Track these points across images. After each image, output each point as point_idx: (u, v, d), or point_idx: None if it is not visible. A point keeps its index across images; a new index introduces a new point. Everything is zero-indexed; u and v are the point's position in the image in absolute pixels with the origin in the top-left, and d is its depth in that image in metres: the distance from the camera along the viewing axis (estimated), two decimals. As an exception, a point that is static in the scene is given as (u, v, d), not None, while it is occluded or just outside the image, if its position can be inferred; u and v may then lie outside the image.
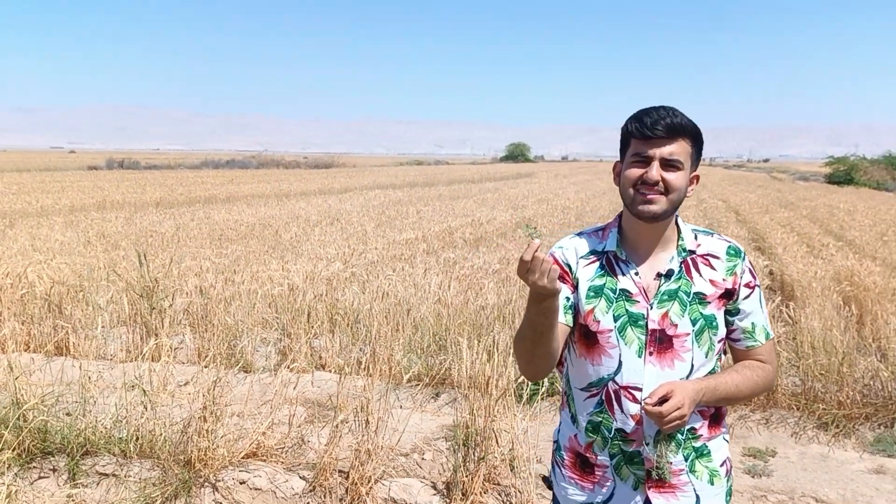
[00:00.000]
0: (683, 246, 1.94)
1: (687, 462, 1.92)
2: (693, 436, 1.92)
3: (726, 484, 1.99)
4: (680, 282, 1.90)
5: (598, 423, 1.96)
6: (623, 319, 1.91)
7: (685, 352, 1.88)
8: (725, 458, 2.00)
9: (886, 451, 4.56)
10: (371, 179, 44.71)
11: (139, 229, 15.41)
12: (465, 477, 3.73)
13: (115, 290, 7.33)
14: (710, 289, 1.90)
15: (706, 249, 1.94)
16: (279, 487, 3.85)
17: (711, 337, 1.90)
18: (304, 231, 15.61)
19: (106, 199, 23.58)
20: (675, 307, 1.88)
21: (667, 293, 1.90)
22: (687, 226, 1.99)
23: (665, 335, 1.89)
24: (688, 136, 1.86)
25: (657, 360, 1.89)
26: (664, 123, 1.82)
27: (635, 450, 1.91)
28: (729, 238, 1.99)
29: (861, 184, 45.25)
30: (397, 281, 8.01)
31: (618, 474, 1.95)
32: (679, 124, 1.84)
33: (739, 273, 1.92)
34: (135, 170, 58.12)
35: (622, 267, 1.95)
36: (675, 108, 1.86)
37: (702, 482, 1.93)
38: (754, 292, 1.94)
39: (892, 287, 8.35)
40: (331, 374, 5.58)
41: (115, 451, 4.04)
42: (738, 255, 1.94)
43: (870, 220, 18.39)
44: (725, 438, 2.02)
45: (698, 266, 1.92)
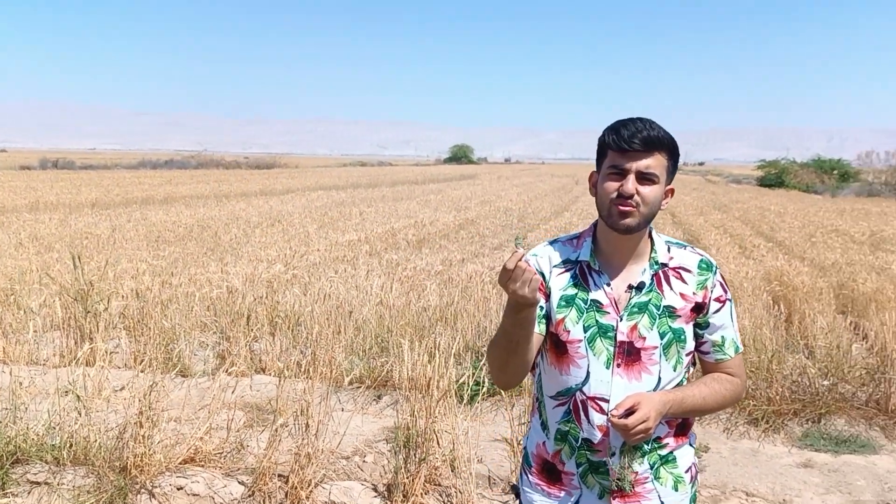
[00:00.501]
0: (656, 259, 1.94)
1: (652, 469, 1.93)
2: (659, 445, 1.94)
3: (691, 490, 2.00)
4: (650, 294, 1.91)
5: (566, 433, 1.96)
6: (593, 330, 1.91)
7: (653, 365, 1.89)
8: (691, 465, 2.01)
9: (814, 445, 4.73)
10: (314, 180, 44.35)
11: (74, 231, 14.98)
12: (406, 478, 3.74)
13: (48, 294, 7.13)
14: (680, 302, 1.91)
15: (678, 262, 1.95)
16: (217, 493, 3.81)
17: (679, 350, 1.91)
18: (245, 232, 15.41)
19: (39, 200, 22.86)
20: (645, 320, 1.89)
21: (637, 305, 1.90)
22: (661, 238, 1.99)
23: (633, 347, 1.89)
24: (664, 150, 1.86)
25: (625, 372, 1.89)
26: (641, 137, 1.82)
27: (601, 460, 1.92)
28: (702, 252, 2.00)
29: (791, 186, 46.70)
30: (339, 283, 7.98)
31: (584, 483, 1.96)
32: (656, 138, 1.83)
33: (710, 287, 1.93)
34: (70, 170, 56.47)
35: (595, 277, 1.95)
36: (652, 121, 1.86)
37: (666, 488, 1.95)
38: (725, 306, 1.95)
39: (819, 287, 8.65)
40: (271, 378, 5.53)
41: (47, 458, 3.94)
42: (710, 269, 1.96)
43: (799, 222, 19.02)
44: (692, 444, 2.03)
45: (669, 279, 1.93)
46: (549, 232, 16.05)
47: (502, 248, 14.13)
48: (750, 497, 4.03)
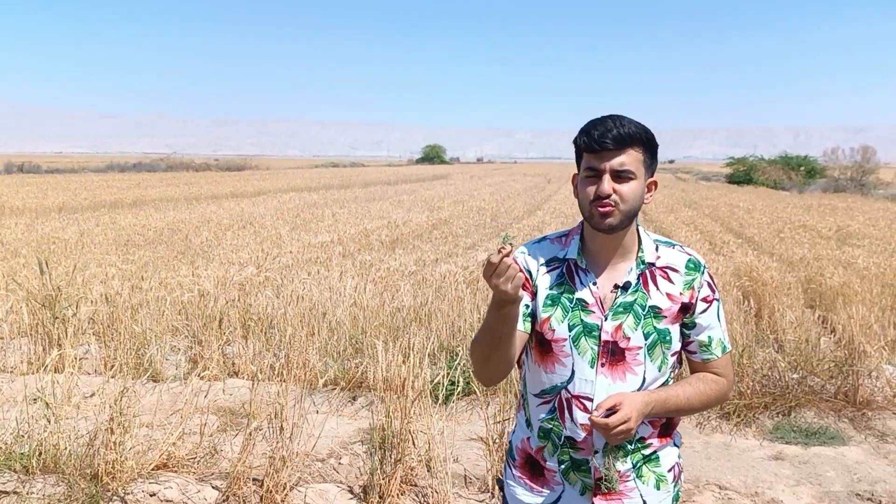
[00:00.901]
0: (643, 258, 1.92)
1: (634, 468, 1.93)
2: (643, 444, 1.93)
3: (673, 489, 1.99)
4: (636, 294, 1.90)
5: (549, 430, 1.96)
6: (578, 329, 1.90)
7: (637, 365, 1.88)
8: (674, 464, 2.00)
9: (784, 438, 4.79)
10: (285, 182, 44.10)
11: (40, 236, 14.76)
12: (382, 480, 3.73)
13: (15, 300, 7.01)
14: (666, 303, 1.90)
15: (666, 262, 1.93)
16: (191, 498, 3.77)
17: (665, 351, 1.90)
18: (216, 235, 15.28)
19: (4, 205, 22.49)
20: (630, 320, 1.88)
21: (622, 305, 1.89)
22: (649, 237, 1.98)
23: (618, 347, 1.88)
24: (638, 145, 1.84)
25: (609, 371, 1.88)
26: (611, 135, 1.80)
27: (584, 458, 1.92)
28: (691, 251, 1.98)
29: (760, 183, 47.28)
30: (312, 284, 7.94)
31: (566, 480, 1.96)
32: (627, 134, 1.81)
33: (697, 287, 1.91)
34: (36, 174, 55.58)
35: (581, 276, 1.94)
36: (623, 117, 1.85)
37: (648, 486, 1.94)
38: (712, 306, 1.94)
39: (788, 282, 8.78)
40: (244, 381, 5.49)
41: (16, 467, 3.87)
42: (698, 269, 1.93)
43: (767, 219, 19.28)
44: (676, 444, 2.03)
45: (656, 279, 1.92)
46: (523, 231, 16.10)
47: (476, 247, 14.15)
48: (723, 490, 4.08)
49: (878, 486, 4.12)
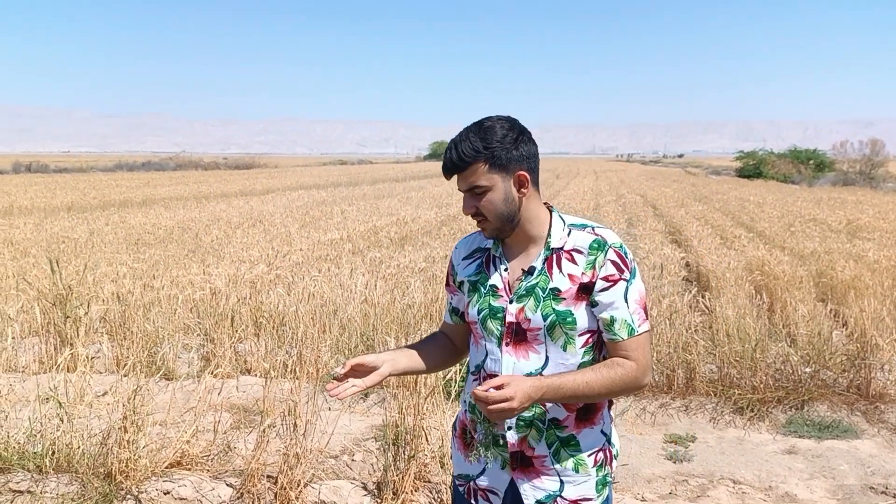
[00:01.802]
0: (549, 244, 2.00)
1: (551, 449, 2.00)
2: (557, 426, 2.00)
3: (596, 474, 2.03)
4: (539, 278, 1.98)
5: (474, 406, 2.08)
6: (484, 312, 2.04)
7: (538, 344, 1.97)
8: (598, 450, 2.04)
9: (797, 432, 4.77)
10: (294, 180, 44.17)
11: (50, 235, 14.80)
12: (395, 476, 3.73)
13: (26, 300, 7.04)
14: (566, 284, 1.95)
15: (572, 244, 1.99)
16: (205, 496, 3.78)
17: (567, 332, 1.95)
18: (226, 233, 15.30)
19: (13, 205, 22.58)
20: (531, 302, 1.97)
21: (525, 289, 1.99)
22: (563, 221, 2.03)
23: (520, 328, 1.98)
24: (477, 160, 1.92)
25: (513, 350, 1.99)
26: (449, 166, 1.95)
27: (500, 433, 2.02)
28: (604, 231, 2.00)
29: (769, 177, 47.09)
30: (323, 282, 7.94)
31: (488, 453, 2.07)
32: (460, 157, 1.92)
33: (598, 266, 1.94)
34: (44, 173, 55.82)
35: (496, 263, 2.08)
36: (461, 138, 1.94)
37: (566, 469, 2.01)
38: (616, 286, 1.94)
39: (800, 275, 8.73)
40: (256, 379, 5.50)
41: (29, 466, 3.89)
42: (601, 249, 1.95)
43: (778, 212, 19.19)
44: (604, 432, 2.06)
45: (561, 262, 1.98)
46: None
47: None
48: (737, 485, 4.07)
49: (892, 479, 4.10)
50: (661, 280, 8.17)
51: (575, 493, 2.01)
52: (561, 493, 2.01)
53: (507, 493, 2.06)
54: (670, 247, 12.75)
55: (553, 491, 2.01)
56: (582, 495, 2.02)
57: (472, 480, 2.13)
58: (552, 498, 2.01)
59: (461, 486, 2.18)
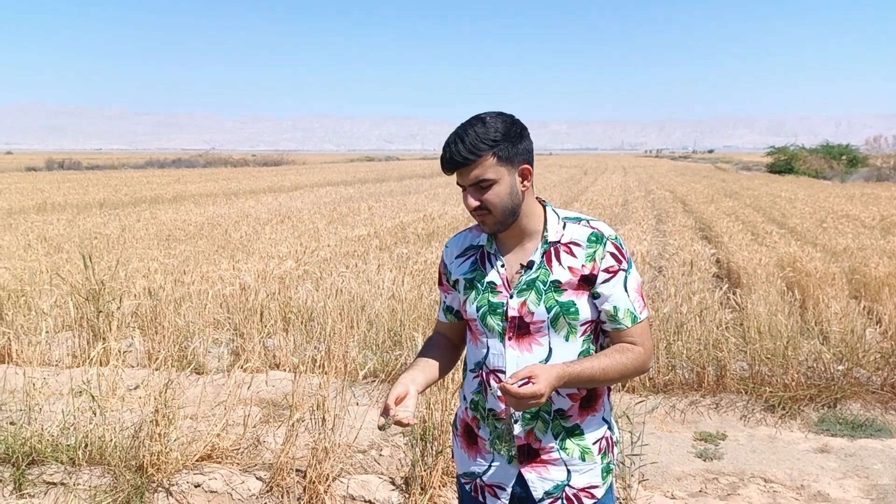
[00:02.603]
0: (546, 238, 2.02)
1: (557, 440, 2.03)
2: (562, 416, 2.03)
3: (601, 461, 2.07)
4: (539, 271, 2.00)
5: (477, 402, 2.11)
6: (484, 309, 2.04)
7: (542, 336, 1.99)
8: (602, 437, 2.08)
9: (830, 430, 4.70)
10: (321, 176, 44.38)
11: (83, 231, 15.01)
12: (423, 471, 3.74)
13: (60, 294, 7.15)
14: (566, 276, 1.98)
15: (569, 237, 2.02)
16: (235, 489, 3.81)
17: (570, 322, 1.98)
18: (255, 230, 15.42)
19: (46, 201, 22.93)
20: (532, 296, 1.99)
21: (526, 283, 2.00)
22: (557, 215, 2.06)
23: (523, 322, 2.00)
24: (484, 152, 1.90)
25: (516, 344, 2.01)
26: (454, 158, 1.91)
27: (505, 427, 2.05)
28: (599, 224, 2.04)
29: (801, 172, 46.43)
30: (351, 278, 7.98)
31: (494, 449, 2.08)
32: (468, 148, 1.89)
33: (599, 258, 1.97)
34: (76, 170, 56.64)
35: (492, 260, 2.08)
36: (466, 130, 1.92)
37: (573, 458, 2.04)
38: (616, 276, 1.99)
39: (832, 272, 8.60)
40: (285, 373, 5.54)
41: (62, 458, 3.95)
42: (599, 241, 1.99)
43: (810, 208, 18.91)
44: (605, 419, 2.10)
45: (559, 254, 2.00)
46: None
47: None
48: (768, 483, 4.02)
49: (929, 480, 4.03)
50: (691, 276, 8.10)
51: (582, 481, 2.05)
52: (569, 482, 2.04)
53: (515, 486, 2.08)
54: (700, 243, 12.62)
55: (561, 481, 2.04)
56: (589, 483, 2.05)
57: (479, 478, 2.14)
58: (560, 488, 2.04)
59: (467, 485, 2.19)
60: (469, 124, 1.93)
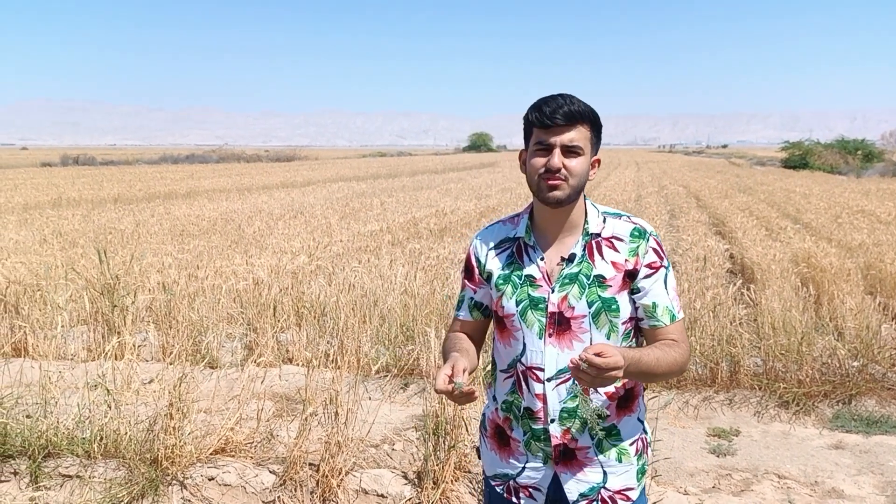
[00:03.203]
0: (588, 230, 1.98)
1: (594, 441, 1.99)
2: (600, 416, 1.99)
3: (637, 462, 2.04)
4: (581, 265, 1.96)
5: (511, 403, 2.06)
6: (524, 304, 1.99)
7: (583, 333, 1.95)
8: (637, 438, 2.05)
9: (845, 426, 4.67)
10: (334, 172, 44.45)
11: (97, 226, 15.12)
12: (435, 466, 3.74)
13: (75, 289, 7.20)
14: (610, 271, 1.95)
15: (611, 232, 1.99)
16: (249, 482, 3.83)
17: (612, 319, 1.95)
18: (268, 225, 15.47)
19: (62, 197, 23.10)
20: (574, 290, 1.94)
21: (568, 277, 1.96)
22: (596, 209, 2.03)
23: (563, 317, 1.95)
24: (586, 122, 1.91)
25: (556, 341, 1.96)
26: (562, 112, 1.87)
27: (542, 427, 2.00)
28: (639, 220, 2.02)
29: (816, 168, 46.09)
30: (363, 273, 7.99)
31: (528, 450, 2.04)
32: (576, 111, 1.88)
33: (642, 254, 1.95)
34: (91, 166, 56.95)
35: (530, 253, 2.03)
36: (572, 96, 1.91)
37: (609, 459, 2.00)
38: (657, 273, 1.97)
39: (847, 268, 8.54)
40: (298, 368, 5.56)
41: (78, 451, 3.98)
42: (642, 237, 1.97)
43: (825, 204, 18.78)
44: (640, 419, 2.07)
45: (602, 249, 1.97)
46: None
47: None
48: (782, 479, 4.00)
49: (945, 477, 4.00)
50: (704, 272, 8.06)
51: (618, 483, 2.01)
52: (604, 484, 2.00)
53: (551, 488, 2.04)
54: (714, 238, 12.56)
55: (597, 483, 2.00)
56: (625, 485, 2.02)
57: (512, 479, 2.10)
58: (595, 490, 2.00)
59: (499, 486, 2.15)
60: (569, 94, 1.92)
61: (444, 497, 3.69)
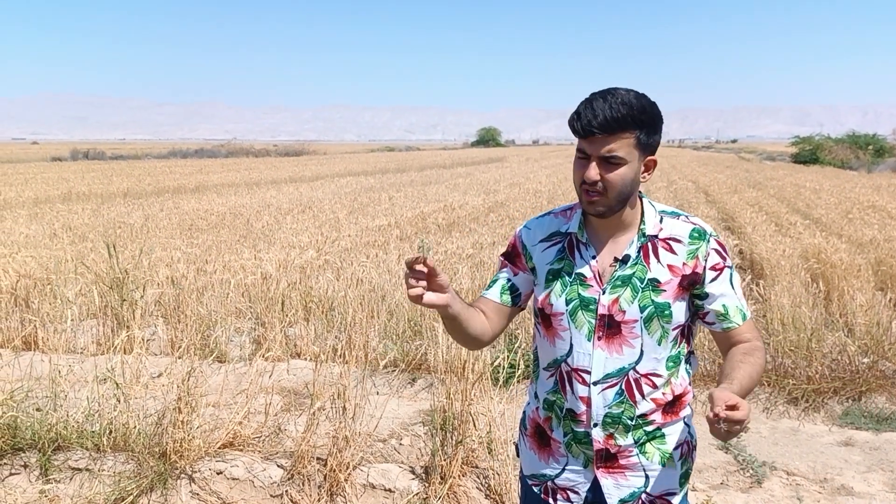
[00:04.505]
0: (644, 231, 1.90)
1: (637, 444, 1.92)
2: (644, 421, 1.92)
3: (681, 467, 1.98)
4: (635, 267, 1.88)
5: (553, 402, 2.00)
6: (574, 303, 1.90)
7: (634, 338, 1.87)
8: (683, 442, 1.98)
9: (854, 423, 4.65)
10: (342, 166, 44.46)
11: (107, 220, 15.16)
12: (443, 461, 3.74)
13: (84, 283, 7.22)
14: (666, 275, 1.87)
15: (668, 233, 1.90)
16: (257, 476, 3.84)
17: (664, 325, 1.87)
18: (276, 219, 15.49)
19: (71, 191, 23.16)
20: (627, 293, 1.86)
21: (620, 279, 1.88)
22: (654, 208, 1.94)
23: (613, 321, 1.87)
24: (629, 129, 1.77)
25: (606, 344, 1.89)
26: (599, 121, 1.74)
27: (584, 430, 1.94)
28: (698, 220, 1.93)
29: (826, 163, 45.84)
30: (371, 267, 8.00)
31: (569, 451, 1.99)
32: (618, 118, 1.74)
33: (703, 256, 1.87)
34: (100, 160, 57.10)
35: (581, 250, 1.94)
36: (616, 95, 1.77)
37: (652, 463, 1.93)
38: (722, 274, 1.89)
39: (858, 264, 8.49)
40: (306, 362, 5.57)
41: (87, 445, 4.00)
42: (702, 238, 1.89)
43: (835, 199, 18.68)
44: (686, 422, 2.00)
45: (658, 251, 1.88)
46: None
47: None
48: (791, 476, 3.98)
49: (955, 474, 3.97)
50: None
51: (660, 487, 1.95)
52: (646, 488, 1.95)
53: (590, 491, 1.98)
54: (723, 234, 12.51)
55: (638, 488, 1.94)
56: (667, 489, 1.96)
57: (550, 480, 2.04)
58: (636, 496, 1.95)
59: (536, 486, 2.09)
60: (615, 94, 1.77)
61: (451, 492, 3.69)
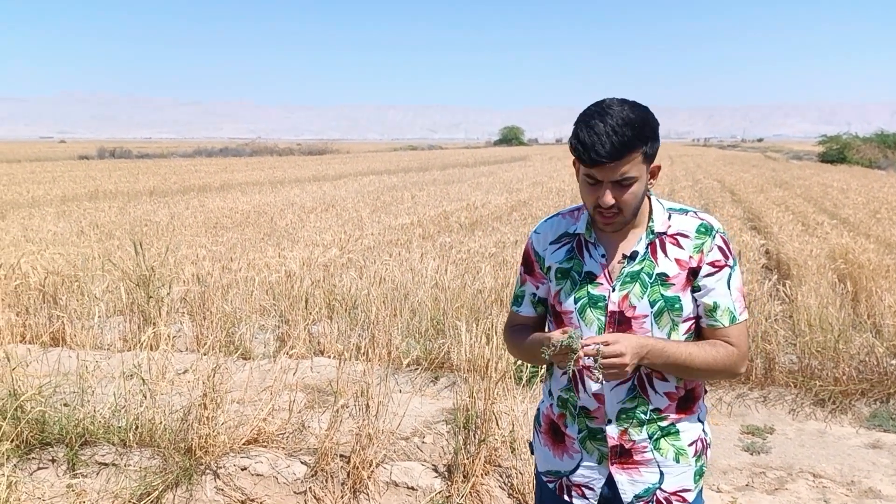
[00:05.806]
0: (652, 228, 1.92)
1: (651, 440, 1.94)
2: (658, 416, 1.94)
3: (695, 464, 1.99)
4: (644, 263, 1.90)
5: (566, 400, 2.03)
6: (583, 301, 1.94)
7: (644, 333, 1.89)
8: (697, 439, 1.99)
9: (882, 426, 4.59)
10: (365, 165, 44.58)
11: (133, 218, 15.33)
12: (466, 459, 3.74)
13: (111, 280, 7.31)
14: (674, 269, 1.89)
15: (677, 229, 1.93)
16: (281, 473, 3.87)
17: (674, 318, 1.90)
18: (300, 218, 15.57)
19: (98, 189, 23.43)
20: (636, 289, 1.89)
21: (629, 275, 1.90)
22: (662, 205, 1.97)
23: (624, 316, 1.90)
24: (636, 149, 1.77)
25: None
26: (608, 150, 1.74)
27: (598, 426, 1.96)
28: (706, 216, 1.96)
29: (854, 162, 45.24)
30: (394, 266, 8.01)
31: (584, 448, 2.01)
32: (624, 143, 1.74)
33: (706, 251, 1.89)
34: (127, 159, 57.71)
35: (590, 249, 1.97)
36: (614, 114, 1.76)
37: (667, 459, 1.95)
38: (721, 272, 1.91)
39: (886, 264, 8.37)
40: (330, 360, 5.59)
41: (114, 440, 4.05)
42: (708, 233, 1.91)
43: (863, 198, 18.43)
44: (701, 419, 2.02)
45: (665, 246, 1.91)
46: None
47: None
48: (817, 478, 3.94)
49: None
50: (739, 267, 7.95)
51: (674, 484, 1.97)
52: (660, 485, 1.96)
53: (605, 488, 2.00)
54: (749, 233, 12.39)
55: (652, 484, 1.96)
56: (681, 486, 1.98)
57: (565, 476, 2.06)
58: (650, 492, 1.96)
59: (550, 483, 2.11)
60: (612, 113, 1.76)
61: (473, 491, 3.69)
